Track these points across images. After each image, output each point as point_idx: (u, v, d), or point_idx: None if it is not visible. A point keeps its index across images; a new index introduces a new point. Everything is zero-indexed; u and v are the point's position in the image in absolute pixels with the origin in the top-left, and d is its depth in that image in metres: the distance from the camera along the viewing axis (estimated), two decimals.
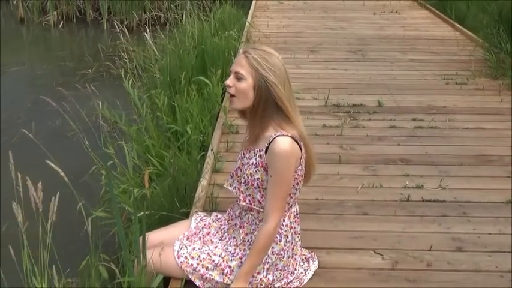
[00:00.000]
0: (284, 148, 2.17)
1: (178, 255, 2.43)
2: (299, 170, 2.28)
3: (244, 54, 2.24)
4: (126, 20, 9.42)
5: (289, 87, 2.25)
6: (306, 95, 4.99)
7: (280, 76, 2.20)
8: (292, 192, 2.33)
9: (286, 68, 2.26)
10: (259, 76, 2.18)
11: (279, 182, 2.21)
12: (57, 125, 5.55)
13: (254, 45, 2.33)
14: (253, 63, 2.19)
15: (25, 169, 2.29)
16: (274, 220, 2.24)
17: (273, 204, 2.23)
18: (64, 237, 2.70)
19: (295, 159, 2.22)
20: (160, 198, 3.23)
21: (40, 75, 7.50)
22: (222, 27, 6.18)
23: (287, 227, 2.37)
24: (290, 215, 2.39)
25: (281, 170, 2.19)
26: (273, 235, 2.27)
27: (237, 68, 2.23)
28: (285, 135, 2.19)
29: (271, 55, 2.23)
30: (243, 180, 2.34)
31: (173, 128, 4.13)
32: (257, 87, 2.19)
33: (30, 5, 9.88)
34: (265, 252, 2.31)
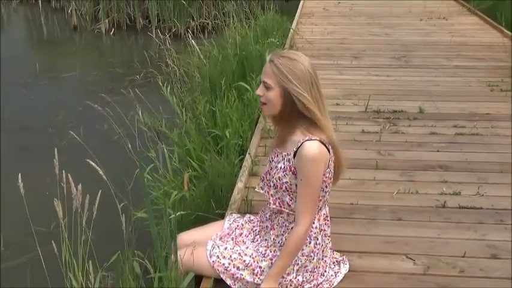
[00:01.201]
0: (312, 152, 2.21)
1: (211, 254, 2.51)
2: (328, 172, 2.32)
3: (270, 63, 2.28)
4: (174, 27, 9.62)
5: (318, 91, 2.26)
6: (347, 101, 5.01)
7: (306, 82, 2.22)
8: (321, 195, 2.37)
9: (315, 71, 2.27)
10: (284, 85, 2.23)
11: (308, 186, 2.25)
12: (105, 129, 5.75)
13: (280, 52, 2.34)
14: (276, 73, 2.24)
15: (72, 170, 2.43)
16: (305, 223, 2.28)
17: (304, 207, 2.28)
18: (105, 235, 2.82)
19: (323, 162, 2.26)
20: (197, 199, 3.33)
21: (91, 80, 7.76)
22: (265, 33, 6.26)
23: (317, 229, 2.41)
24: (320, 218, 2.43)
25: (310, 173, 2.23)
26: (303, 238, 2.31)
27: (264, 77, 2.29)
28: (312, 139, 2.23)
29: (295, 62, 2.24)
30: (272, 184, 2.40)
31: (213, 132, 4.23)
32: (283, 96, 2.24)
33: (83, 13, 10.23)
34: (295, 254, 2.36)
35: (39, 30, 11.04)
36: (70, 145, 5.24)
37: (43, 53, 9.40)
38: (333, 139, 2.31)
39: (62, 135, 5.67)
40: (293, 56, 2.27)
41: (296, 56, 2.27)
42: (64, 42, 9.98)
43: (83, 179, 2.47)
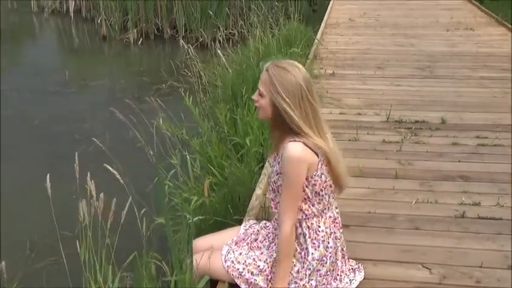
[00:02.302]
0: (293, 153, 2.24)
1: (226, 259, 2.55)
2: (317, 176, 2.32)
3: (265, 71, 2.31)
4: (201, 37, 9.74)
5: (309, 104, 2.26)
6: (369, 111, 5.01)
7: (295, 95, 2.23)
8: (318, 197, 2.38)
9: (310, 84, 2.28)
10: (274, 94, 2.25)
11: (288, 186, 2.29)
12: (130, 136, 5.83)
13: (277, 62, 2.34)
14: (269, 82, 2.27)
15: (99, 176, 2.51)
16: (286, 223, 2.30)
17: (284, 208, 2.31)
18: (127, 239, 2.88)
19: (305, 164, 2.26)
20: (216, 205, 3.38)
21: (118, 89, 7.90)
22: (288, 43, 6.31)
23: (323, 232, 2.43)
24: (325, 221, 2.45)
25: (290, 174, 2.26)
26: (288, 238, 2.32)
27: (259, 84, 2.33)
28: (297, 140, 2.26)
29: (287, 73, 2.25)
30: (271, 188, 2.44)
31: (234, 140, 4.28)
32: (272, 105, 2.27)
33: (112, 23, 10.42)
34: (289, 256, 2.37)
35: (70, 39, 11.28)
36: (97, 152, 5.34)
37: (73, 62, 9.60)
38: (326, 149, 2.30)
39: (88, 142, 5.77)
40: (287, 67, 2.28)
41: (290, 68, 2.28)
42: (93, 52, 10.18)
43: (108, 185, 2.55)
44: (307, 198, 2.37)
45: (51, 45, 10.90)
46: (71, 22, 11.69)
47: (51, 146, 5.79)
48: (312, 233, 2.42)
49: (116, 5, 10.26)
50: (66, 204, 3.04)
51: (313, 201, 2.39)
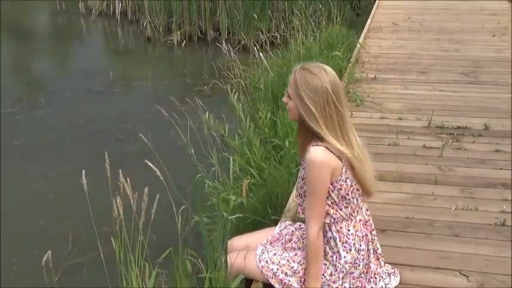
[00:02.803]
0: (315, 157, 2.24)
1: (260, 259, 2.58)
2: (342, 180, 2.31)
3: (293, 73, 2.32)
4: (243, 40, 9.80)
5: (335, 109, 2.24)
6: (410, 116, 4.97)
7: (318, 99, 2.22)
8: (345, 201, 2.38)
9: (338, 89, 2.26)
10: (298, 98, 2.26)
11: (311, 191, 2.29)
12: (171, 136, 5.94)
13: (306, 64, 2.33)
14: (294, 85, 2.28)
15: (140, 174, 2.58)
16: (311, 227, 2.31)
17: (309, 213, 2.32)
18: (165, 236, 2.94)
19: (329, 168, 2.26)
20: (255, 204, 3.42)
21: (161, 90, 8.02)
22: (329, 46, 6.30)
23: (353, 235, 2.43)
24: (355, 224, 2.44)
25: (313, 178, 2.27)
26: (315, 242, 2.33)
27: (288, 86, 2.35)
28: (319, 145, 2.26)
29: (313, 76, 2.24)
30: (298, 193, 2.45)
31: (274, 141, 4.31)
32: (299, 108, 2.28)
33: (157, 25, 10.57)
34: (317, 260, 2.38)
35: (115, 41, 11.50)
36: (139, 151, 5.46)
37: (117, 63, 9.79)
38: (349, 156, 2.28)
39: (131, 141, 5.91)
40: (314, 70, 2.27)
41: (317, 71, 2.27)
42: (137, 53, 10.35)
43: (149, 183, 2.61)
44: (333, 203, 2.38)
45: (97, 46, 11.14)
46: (117, 24, 11.90)
47: (94, 144, 5.92)
48: (342, 237, 2.42)
49: (161, 8, 10.40)
50: (108, 202, 3.11)
51: (340, 205, 2.39)
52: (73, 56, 10.65)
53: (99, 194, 2.86)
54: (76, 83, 8.18)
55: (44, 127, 6.41)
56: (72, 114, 6.77)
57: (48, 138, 6.11)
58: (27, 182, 5.16)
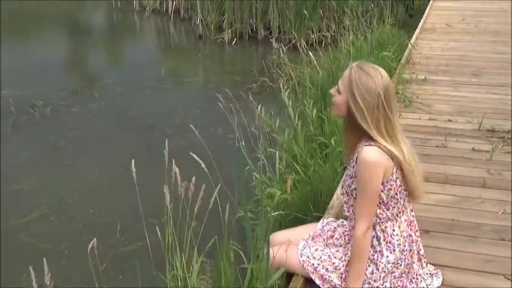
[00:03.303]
0: (368, 157, 2.24)
1: (301, 253, 2.61)
2: (392, 180, 2.31)
3: (349, 69, 2.32)
4: (293, 38, 9.82)
5: (385, 113, 2.25)
6: (460, 118, 4.89)
7: (369, 102, 2.22)
8: (393, 201, 2.37)
9: (390, 92, 2.26)
10: (350, 96, 2.27)
11: (363, 190, 2.28)
12: (219, 132, 6.03)
13: (363, 64, 2.32)
14: (348, 82, 2.28)
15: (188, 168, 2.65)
16: (360, 227, 2.31)
17: (359, 212, 2.32)
18: (212, 227, 3.00)
19: (381, 168, 2.26)
20: (298, 201, 3.44)
21: (211, 87, 8.12)
22: (380, 46, 6.25)
23: (398, 236, 2.42)
24: (400, 224, 2.44)
25: (365, 179, 2.26)
26: (362, 241, 2.33)
27: (340, 81, 2.34)
28: (372, 145, 2.25)
29: (368, 78, 2.24)
30: (344, 191, 2.45)
31: (320, 139, 4.32)
32: (348, 105, 2.29)
33: (208, 23, 10.71)
34: (361, 258, 2.38)
35: (168, 38, 11.72)
36: (187, 145, 5.56)
37: (169, 59, 9.96)
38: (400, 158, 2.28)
39: (179, 136, 6.01)
40: (370, 72, 2.26)
41: (373, 73, 2.26)
42: (189, 50, 10.52)
43: (197, 176, 2.68)
44: (381, 203, 2.38)
45: (150, 43, 11.37)
46: (170, 21, 12.12)
47: (143, 138, 6.06)
48: (387, 236, 2.42)
49: (213, 6, 10.54)
50: (157, 193, 3.20)
51: (388, 205, 2.39)
52: (126, 52, 10.91)
53: (147, 185, 2.95)
54: (128, 77, 8.37)
55: (97, 119, 6.59)
56: (124, 108, 6.94)
57: (100, 130, 6.29)
58: (80, 171, 5.33)
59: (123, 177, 5.10)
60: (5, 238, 4.23)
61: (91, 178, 5.17)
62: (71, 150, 5.77)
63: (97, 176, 5.21)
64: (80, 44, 11.14)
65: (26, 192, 4.89)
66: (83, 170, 5.37)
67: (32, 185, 5.00)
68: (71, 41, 11.51)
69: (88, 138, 6.07)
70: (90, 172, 5.30)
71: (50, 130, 6.25)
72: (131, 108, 6.93)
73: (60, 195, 4.83)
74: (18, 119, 6.51)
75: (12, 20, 12.69)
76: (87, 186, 5.04)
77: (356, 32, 6.89)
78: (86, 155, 5.67)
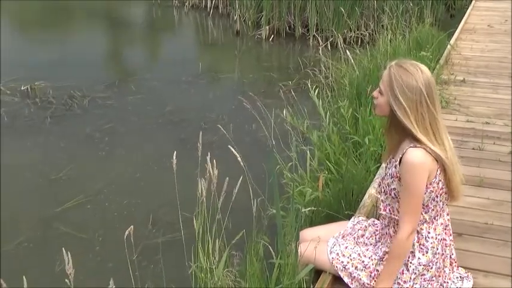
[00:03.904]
0: (414, 159, 2.21)
1: (331, 251, 2.60)
2: (435, 182, 2.28)
3: (387, 69, 2.29)
4: (331, 36, 9.78)
5: (427, 110, 2.21)
6: (498, 121, 4.80)
7: (412, 99, 2.19)
8: (433, 204, 2.35)
9: (432, 89, 2.22)
10: (391, 94, 2.24)
11: (409, 193, 2.25)
12: (253, 128, 6.05)
13: (401, 61, 2.29)
14: (388, 81, 2.25)
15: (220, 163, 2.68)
16: (404, 229, 2.28)
17: (404, 214, 2.29)
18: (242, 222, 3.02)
19: (427, 170, 2.22)
20: (330, 199, 3.44)
21: (247, 83, 8.15)
22: (418, 46, 6.18)
23: (433, 238, 2.40)
24: (436, 227, 2.41)
25: (411, 181, 2.23)
26: (404, 244, 2.31)
27: (380, 82, 2.32)
28: (417, 146, 2.22)
29: (409, 75, 2.20)
30: (383, 190, 2.43)
31: (353, 138, 4.30)
32: (390, 104, 2.26)
33: (246, 19, 10.76)
34: (399, 260, 2.36)
35: (206, 33, 11.80)
36: (221, 141, 5.61)
37: (206, 55, 10.04)
38: (443, 157, 2.24)
39: (213, 131, 6.06)
40: (410, 69, 2.23)
41: (413, 69, 2.23)
42: (226, 46, 10.57)
43: (229, 171, 2.71)
44: (422, 205, 2.35)
45: (188, 38, 11.48)
46: (208, 17, 12.22)
47: (178, 132, 6.13)
48: (421, 238, 2.40)
49: (252, 3, 10.58)
50: (189, 186, 3.24)
51: (427, 208, 2.36)
52: (164, 46, 11.04)
53: (180, 178, 2.99)
54: (166, 72, 8.47)
55: (133, 112, 6.69)
56: (160, 102, 7.02)
57: (136, 123, 6.38)
58: (115, 162, 5.43)
59: (157, 169, 5.22)
60: (42, 226, 4.34)
61: (126, 169, 5.26)
62: (107, 141, 5.87)
63: (132, 167, 5.30)
64: (119, 38, 11.33)
65: (63, 182, 5.00)
66: (119, 161, 5.47)
67: (69, 174, 5.11)
68: (111, 35, 11.70)
69: (124, 130, 6.17)
70: (125, 164, 5.39)
71: (87, 121, 6.37)
72: (167, 102, 7.01)
73: (96, 185, 4.93)
74: (57, 110, 6.66)
75: (54, 13, 12.96)
76: (122, 177, 5.13)
77: (395, 31, 6.82)
78: (121, 147, 5.76)
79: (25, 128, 6.14)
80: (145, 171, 5.22)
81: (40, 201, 4.70)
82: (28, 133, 6.02)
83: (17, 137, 5.91)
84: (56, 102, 6.85)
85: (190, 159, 3.19)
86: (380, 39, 6.38)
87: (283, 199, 3.90)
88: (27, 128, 6.15)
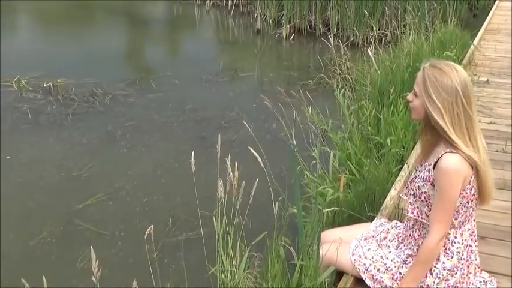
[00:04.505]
0: (450, 165, 2.17)
1: (353, 253, 2.59)
2: (468, 188, 2.25)
3: (421, 70, 2.26)
4: (352, 36, 9.73)
5: (463, 110, 2.18)
6: None
7: (447, 99, 2.16)
8: (463, 209, 2.32)
9: (468, 89, 2.18)
10: (426, 96, 2.21)
11: (443, 198, 2.22)
12: (273, 127, 6.04)
13: (436, 62, 2.25)
14: (422, 82, 2.22)
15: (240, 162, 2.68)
16: (435, 234, 2.26)
17: (436, 219, 2.26)
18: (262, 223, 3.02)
19: (462, 177, 2.19)
20: (351, 200, 3.42)
21: (267, 81, 8.16)
22: (442, 46, 6.11)
23: (459, 244, 2.37)
24: (463, 233, 2.38)
25: (446, 186, 2.19)
26: (434, 249, 2.29)
27: (415, 84, 2.29)
28: (454, 152, 2.19)
29: (444, 74, 2.17)
30: (412, 192, 2.40)
31: (375, 139, 4.27)
32: (425, 106, 2.22)
33: (267, 18, 10.75)
34: (427, 265, 2.34)
35: (226, 32, 11.82)
36: (241, 139, 5.61)
37: (227, 53, 10.05)
38: (477, 160, 2.20)
39: (234, 129, 6.07)
40: (444, 68, 2.20)
41: (447, 69, 2.19)
42: (247, 44, 10.58)
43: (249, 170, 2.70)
44: None
45: (208, 36, 11.51)
46: (229, 15, 12.24)
47: (199, 130, 6.15)
48: (447, 243, 2.37)
49: (272, 1, 10.57)
50: (209, 185, 3.24)
51: (458, 213, 2.33)
52: (185, 44, 11.08)
53: (200, 177, 2.99)
54: (186, 70, 8.50)
55: (154, 110, 6.72)
56: (181, 100, 7.05)
57: (157, 120, 6.41)
58: (136, 159, 5.46)
59: (177, 167, 5.24)
60: (64, 222, 4.37)
61: (147, 167, 5.29)
62: (129, 139, 5.91)
63: (152, 165, 5.33)
64: (140, 36, 11.38)
65: (84, 178, 5.04)
66: (139, 158, 5.49)
67: (90, 171, 5.15)
68: (131, 33, 11.77)
69: (145, 128, 6.20)
70: (146, 161, 5.42)
71: (109, 119, 6.42)
72: (188, 100, 7.03)
73: (117, 182, 4.96)
74: (79, 107, 6.71)
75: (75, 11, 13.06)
76: (142, 174, 5.16)
77: (418, 31, 6.75)
78: (142, 144, 5.79)
79: (48, 125, 6.20)
80: (166, 169, 5.24)
81: (62, 197, 4.75)
82: (51, 129, 6.08)
83: (40, 134, 5.97)
84: (77, 100, 6.91)
85: (210, 158, 3.20)
86: (403, 39, 6.32)
87: (303, 199, 3.89)
88: (49, 124, 6.22)
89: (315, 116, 4.67)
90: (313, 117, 4.66)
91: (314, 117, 4.66)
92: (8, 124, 6.15)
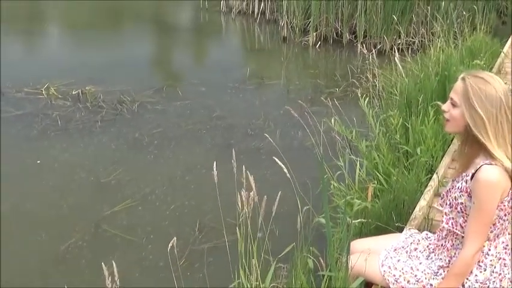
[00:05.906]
0: (489, 178, 2.14)
1: (383, 264, 2.56)
2: (506, 201, 2.21)
3: (461, 80, 2.23)
4: (379, 43, 9.68)
5: (506, 118, 2.15)
6: None
7: (491, 109, 2.13)
8: (500, 222, 2.28)
9: (509, 97, 2.16)
10: (469, 106, 2.17)
11: (480, 211, 2.19)
12: (299, 136, 6.03)
13: (476, 72, 2.25)
14: (464, 92, 2.19)
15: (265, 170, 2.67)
16: (470, 247, 2.23)
17: (472, 232, 2.23)
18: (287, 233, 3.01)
19: (501, 189, 2.16)
20: (380, 209, 3.39)
21: (293, 89, 8.15)
22: (471, 55, 6.05)
23: (493, 256, 2.33)
24: (497, 245, 2.34)
25: (484, 199, 2.16)
26: (468, 262, 2.26)
27: (452, 93, 2.25)
28: (493, 164, 2.16)
29: (487, 84, 2.16)
30: (448, 203, 2.37)
31: (404, 148, 4.23)
32: (466, 117, 2.19)
33: (294, 25, 10.74)
34: (461, 277, 2.31)
35: (252, 39, 11.84)
36: (268, 147, 5.61)
37: (253, 60, 10.06)
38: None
39: (260, 137, 6.07)
40: (487, 79, 2.19)
41: (491, 79, 2.18)
42: (273, 52, 10.58)
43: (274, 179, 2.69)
44: None
45: (234, 44, 11.56)
46: (255, 23, 12.26)
47: (226, 137, 6.17)
48: (480, 255, 2.33)
49: (299, 9, 10.56)
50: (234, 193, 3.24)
51: (493, 226, 2.29)
52: (211, 52, 11.14)
53: (228, 185, 2.99)
54: (212, 77, 8.53)
55: (181, 118, 6.76)
56: (207, 107, 7.08)
57: (184, 128, 6.45)
58: (163, 167, 5.50)
59: (204, 174, 5.26)
60: (93, 228, 4.42)
61: (174, 174, 5.32)
62: (156, 145, 5.95)
63: (180, 172, 5.36)
64: (167, 43, 11.48)
65: (112, 185, 5.10)
66: (167, 165, 5.53)
67: (118, 178, 5.21)
68: (158, 39, 11.88)
69: (172, 135, 6.25)
70: (173, 168, 5.45)
71: (136, 126, 6.48)
72: (215, 107, 7.06)
73: (144, 189, 5.00)
74: (107, 114, 6.79)
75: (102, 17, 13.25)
76: (170, 181, 5.20)
77: (447, 38, 6.69)
78: (169, 152, 5.83)
79: (77, 131, 6.29)
80: (193, 175, 5.27)
81: (92, 202, 4.81)
82: (80, 136, 6.16)
83: (70, 140, 6.06)
84: (106, 107, 6.99)
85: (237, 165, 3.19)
86: (432, 47, 6.27)
87: (330, 209, 3.86)
88: (79, 131, 6.30)
89: (340, 125, 4.65)
90: (339, 126, 4.64)
91: (340, 127, 4.64)
92: (38, 131, 6.26)
